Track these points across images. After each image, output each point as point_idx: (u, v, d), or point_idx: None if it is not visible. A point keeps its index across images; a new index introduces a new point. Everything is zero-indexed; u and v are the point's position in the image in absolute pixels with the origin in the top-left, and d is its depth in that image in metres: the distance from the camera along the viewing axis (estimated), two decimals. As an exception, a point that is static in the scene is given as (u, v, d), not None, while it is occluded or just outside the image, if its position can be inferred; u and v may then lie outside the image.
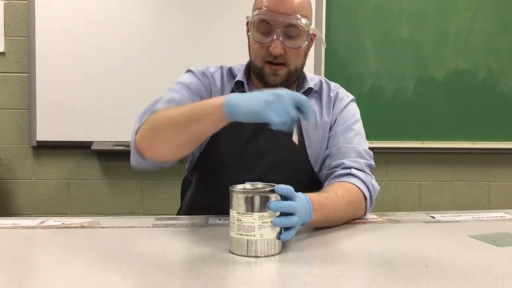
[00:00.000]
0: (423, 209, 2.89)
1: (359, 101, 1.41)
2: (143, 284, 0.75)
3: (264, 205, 0.88)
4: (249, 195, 0.88)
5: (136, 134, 1.15)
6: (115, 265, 0.85)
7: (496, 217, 1.25)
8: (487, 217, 1.24)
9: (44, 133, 2.68)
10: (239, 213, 0.88)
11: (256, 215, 0.87)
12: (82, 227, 1.12)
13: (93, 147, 2.69)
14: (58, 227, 1.11)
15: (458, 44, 2.81)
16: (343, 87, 1.42)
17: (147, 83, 2.67)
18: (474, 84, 2.82)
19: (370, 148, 1.31)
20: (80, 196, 2.79)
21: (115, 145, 2.67)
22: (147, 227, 1.12)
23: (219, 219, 1.20)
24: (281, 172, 1.27)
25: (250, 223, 0.87)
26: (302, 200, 0.96)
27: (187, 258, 0.88)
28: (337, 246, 0.98)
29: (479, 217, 1.24)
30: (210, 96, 1.29)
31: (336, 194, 1.11)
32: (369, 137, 1.36)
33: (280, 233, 0.90)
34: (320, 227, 1.08)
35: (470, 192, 2.92)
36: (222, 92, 1.32)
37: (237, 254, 0.89)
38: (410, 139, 2.80)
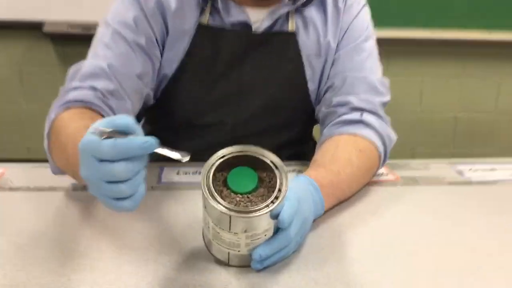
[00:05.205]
0: (423, 107, 2.60)
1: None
2: None
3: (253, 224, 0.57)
4: (232, 215, 0.56)
5: (47, 139, 0.76)
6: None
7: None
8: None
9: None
10: (218, 226, 0.58)
11: (242, 235, 0.57)
12: None
13: (45, 28, 2.26)
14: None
15: None
16: None
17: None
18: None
19: None
20: (34, 84, 2.43)
21: (70, 27, 2.24)
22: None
23: (177, 173, 0.89)
24: (274, 116, 0.95)
25: (235, 241, 0.58)
26: (308, 197, 0.67)
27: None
28: (336, 247, 0.69)
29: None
30: (165, 22, 0.87)
31: (350, 164, 0.79)
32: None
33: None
34: None
35: (477, 89, 2.61)
36: (182, 10, 0.87)
37: (215, 256, 0.62)
38: (417, 27, 2.40)
